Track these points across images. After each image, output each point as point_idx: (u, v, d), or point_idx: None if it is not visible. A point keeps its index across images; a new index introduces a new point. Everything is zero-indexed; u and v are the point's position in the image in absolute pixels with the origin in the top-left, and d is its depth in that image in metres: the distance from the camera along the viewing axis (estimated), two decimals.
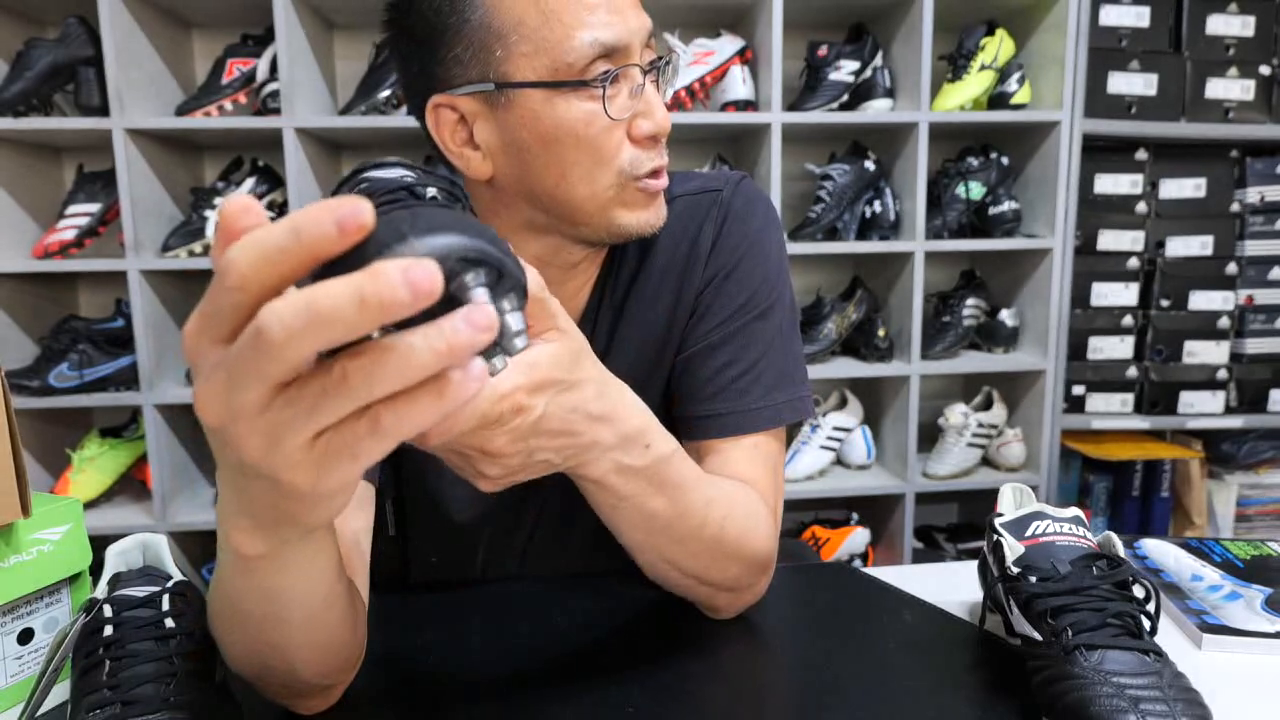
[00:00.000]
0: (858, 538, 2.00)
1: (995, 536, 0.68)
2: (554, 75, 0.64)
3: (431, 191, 0.41)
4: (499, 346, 0.37)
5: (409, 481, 0.79)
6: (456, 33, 0.65)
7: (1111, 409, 2.02)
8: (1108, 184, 1.96)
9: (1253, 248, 1.99)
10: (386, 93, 1.77)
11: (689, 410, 0.74)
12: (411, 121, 0.74)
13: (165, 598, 0.55)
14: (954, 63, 1.93)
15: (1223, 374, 2.01)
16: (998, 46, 1.91)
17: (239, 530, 0.40)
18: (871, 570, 0.82)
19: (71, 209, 1.77)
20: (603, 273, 0.78)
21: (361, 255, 0.30)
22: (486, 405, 0.44)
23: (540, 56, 0.64)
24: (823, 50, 1.88)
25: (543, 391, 0.47)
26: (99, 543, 0.59)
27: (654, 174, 0.70)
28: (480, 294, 0.33)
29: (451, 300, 0.33)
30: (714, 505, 0.63)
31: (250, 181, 1.83)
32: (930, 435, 2.06)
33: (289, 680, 0.54)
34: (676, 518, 0.60)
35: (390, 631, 0.64)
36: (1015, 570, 0.63)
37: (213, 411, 0.32)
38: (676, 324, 0.77)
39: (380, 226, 0.31)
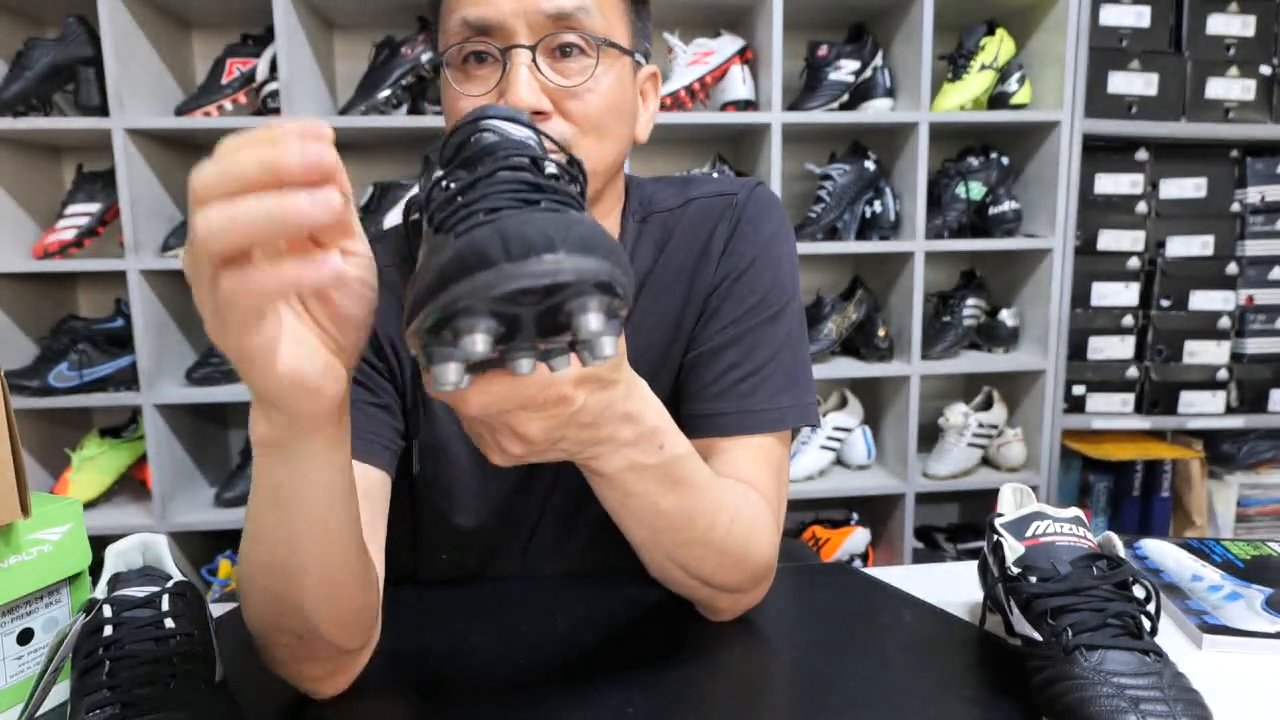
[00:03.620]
0: (858, 538, 2.00)
1: (995, 537, 0.68)
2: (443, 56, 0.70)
3: (552, 169, 0.41)
4: (575, 353, 0.37)
5: (420, 477, 0.79)
6: (435, 13, 0.72)
7: (1112, 409, 2.02)
8: (1108, 184, 1.96)
9: (1253, 248, 1.99)
10: (386, 92, 1.76)
11: (694, 409, 0.73)
12: (411, 122, 0.76)
13: (165, 598, 0.55)
14: (954, 63, 1.92)
15: (1223, 374, 2.01)
16: (998, 46, 1.91)
17: (252, 413, 0.45)
18: (871, 570, 0.82)
19: (71, 209, 1.77)
20: None
21: (507, 255, 0.32)
22: (535, 390, 0.45)
23: (442, 36, 0.70)
24: (823, 50, 1.88)
25: (585, 385, 0.48)
26: (99, 543, 0.59)
27: None
28: (594, 320, 0.34)
29: (565, 315, 0.35)
30: (722, 509, 0.62)
31: None
32: (930, 435, 2.06)
33: (304, 631, 0.54)
34: (684, 517, 0.60)
35: (391, 630, 0.64)
36: (1015, 570, 0.63)
37: (188, 275, 0.39)
38: (686, 324, 0.77)
39: (530, 228, 0.33)
